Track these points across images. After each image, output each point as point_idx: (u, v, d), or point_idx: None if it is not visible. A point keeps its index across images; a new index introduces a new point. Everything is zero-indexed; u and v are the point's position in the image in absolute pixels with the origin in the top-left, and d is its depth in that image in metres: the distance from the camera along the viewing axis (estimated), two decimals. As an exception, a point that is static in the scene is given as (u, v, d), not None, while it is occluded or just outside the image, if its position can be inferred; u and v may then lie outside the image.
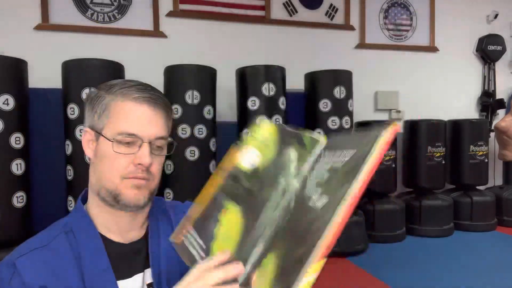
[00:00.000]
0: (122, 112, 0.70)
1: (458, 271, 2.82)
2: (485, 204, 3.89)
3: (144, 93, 0.71)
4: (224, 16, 3.70)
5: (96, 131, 0.72)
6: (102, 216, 0.75)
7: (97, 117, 0.72)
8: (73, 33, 3.28)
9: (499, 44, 4.54)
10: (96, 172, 0.73)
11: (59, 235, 0.72)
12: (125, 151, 0.70)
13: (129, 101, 0.70)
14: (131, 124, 0.70)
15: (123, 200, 0.71)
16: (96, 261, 0.71)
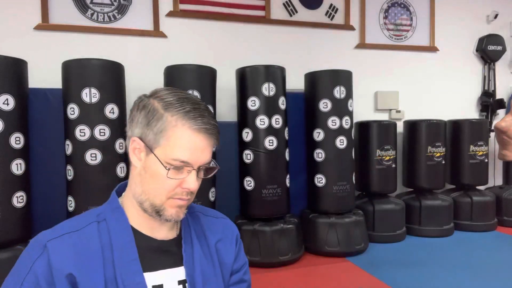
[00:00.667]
0: (180, 141, 0.74)
1: (458, 271, 2.82)
2: (485, 204, 3.89)
3: (202, 121, 0.75)
4: (224, 16, 3.70)
5: (147, 145, 0.76)
6: (135, 213, 0.80)
7: (152, 134, 0.75)
8: (73, 33, 3.28)
9: (499, 44, 4.54)
10: (143, 185, 0.77)
11: (92, 224, 0.78)
12: (175, 175, 0.75)
13: (188, 130, 0.74)
14: (186, 153, 0.74)
15: (165, 215, 0.78)
16: (126, 252, 0.76)
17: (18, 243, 2.42)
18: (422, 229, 3.74)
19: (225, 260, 0.89)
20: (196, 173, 0.77)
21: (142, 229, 0.81)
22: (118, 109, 2.59)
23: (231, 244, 0.92)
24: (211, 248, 0.87)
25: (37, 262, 0.71)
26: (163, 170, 0.74)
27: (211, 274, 0.85)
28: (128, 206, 0.81)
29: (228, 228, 0.94)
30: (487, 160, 3.99)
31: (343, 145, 3.24)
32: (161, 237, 0.82)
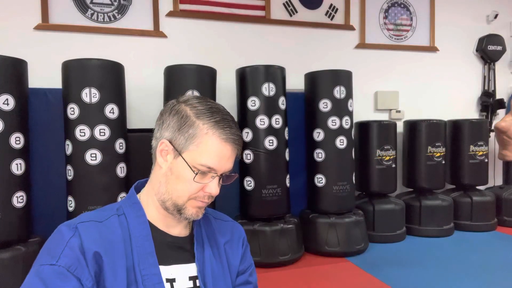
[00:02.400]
0: (209, 148, 0.80)
1: (458, 271, 2.82)
2: (485, 204, 3.89)
3: (231, 132, 0.81)
4: (224, 16, 3.70)
5: (176, 149, 0.81)
6: (153, 210, 0.86)
7: (183, 139, 0.80)
8: (73, 33, 3.28)
9: (499, 44, 4.54)
10: (168, 185, 0.83)
11: (113, 216, 0.83)
12: (200, 180, 0.81)
13: (218, 139, 0.80)
14: (214, 160, 0.80)
15: (185, 214, 0.83)
16: (143, 244, 0.81)
17: (18, 243, 2.42)
18: (422, 229, 3.74)
19: (232, 261, 0.94)
20: (218, 179, 0.83)
21: (159, 225, 0.86)
22: (118, 109, 2.59)
23: (238, 246, 0.97)
24: (220, 249, 0.92)
25: (72, 239, 0.76)
26: (190, 173, 0.80)
27: (220, 273, 0.89)
28: (146, 202, 0.86)
29: (235, 231, 0.99)
30: (487, 160, 3.99)
31: (343, 145, 3.24)
32: (175, 233, 0.87)
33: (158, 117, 0.87)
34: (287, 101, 3.17)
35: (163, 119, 0.85)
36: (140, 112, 3.35)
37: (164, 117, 0.85)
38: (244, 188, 3.10)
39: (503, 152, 4.27)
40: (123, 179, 2.60)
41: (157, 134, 0.85)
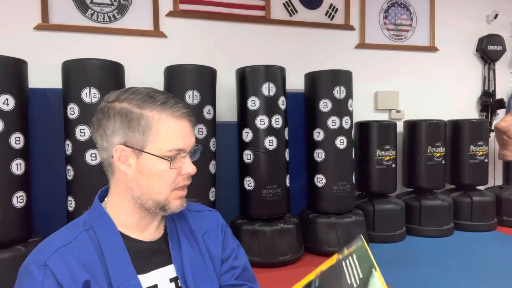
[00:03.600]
0: (169, 132, 0.76)
1: (458, 271, 2.82)
2: (485, 204, 3.89)
3: (180, 107, 0.78)
4: (224, 16, 3.70)
5: (136, 148, 0.76)
6: (123, 215, 0.81)
7: (138, 135, 0.76)
8: (73, 33, 3.28)
9: (499, 44, 4.54)
10: (142, 187, 0.78)
11: (81, 233, 0.77)
12: (175, 165, 0.77)
13: (173, 119, 0.77)
14: (179, 140, 0.77)
15: (171, 209, 0.80)
16: (118, 256, 0.76)
17: (18, 243, 2.42)
18: (422, 229, 3.74)
19: (214, 251, 0.90)
20: (189, 156, 0.80)
21: (131, 233, 0.81)
22: (118, 109, 2.59)
23: (217, 234, 0.93)
24: (199, 242, 0.89)
25: (45, 282, 0.69)
26: (163, 164, 0.76)
27: (201, 268, 0.86)
28: (115, 212, 0.81)
29: (212, 219, 0.95)
30: (487, 160, 3.99)
31: (343, 145, 3.24)
32: (150, 238, 0.83)
33: (93, 128, 0.81)
34: (287, 101, 3.17)
35: (102, 127, 0.78)
36: (140, 112, 3.34)
37: (102, 124, 0.78)
38: (244, 188, 3.10)
39: (503, 152, 4.27)
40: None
41: (104, 145, 0.79)
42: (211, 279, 0.87)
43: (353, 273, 0.75)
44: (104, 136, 0.78)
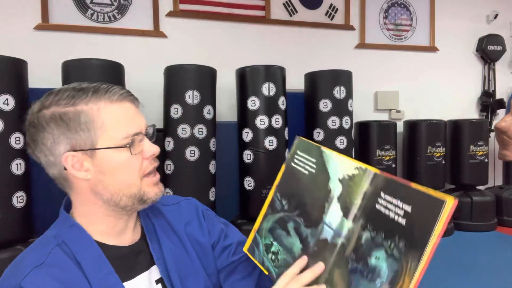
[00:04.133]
0: (114, 118, 0.70)
1: (458, 271, 2.82)
2: (485, 204, 3.89)
3: (116, 90, 0.71)
4: (224, 16, 3.70)
5: (87, 148, 0.69)
6: (96, 222, 0.74)
7: (83, 133, 0.68)
8: (73, 33, 3.28)
9: (499, 44, 4.54)
10: (109, 186, 0.71)
11: (54, 249, 0.69)
12: (136, 150, 0.71)
13: (114, 104, 0.70)
14: (129, 124, 0.71)
15: (149, 198, 0.74)
16: (98, 266, 0.70)
17: (18, 243, 2.42)
18: (422, 229, 3.73)
19: (201, 240, 0.85)
20: (146, 137, 0.74)
21: (108, 239, 0.75)
22: (118, 109, 2.59)
23: (199, 221, 0.88)
24: (181, 235, 0.83)
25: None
26: (123, 153, 0.70)
27: (186, 263, 0.81)
28: (86, 219, 0.74)
29: (190, 207, 0.90)
30: (487, 160, 3.99)
31: (343, 145, 3.24)
32: (128, 241, 0.77)
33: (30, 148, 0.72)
34: (287, 101, 3.17)
35: (40, 142, 0.70)
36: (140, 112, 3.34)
37: (39, 139, 0.70)
38: (244, 188, 3.10)
39: (503, 152, 4.27)
40: (123, 179, 2.59)
41: (50, 160, 0.70)
42: (197, 271, 0.82)
43: (306, 164, 0.75)
44: (46, 151, 0.70)
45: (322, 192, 0.70)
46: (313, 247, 0.69)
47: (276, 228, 0.77)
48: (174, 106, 2.78)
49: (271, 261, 0.75)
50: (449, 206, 0.52)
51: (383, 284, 0.57)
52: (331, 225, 0.68)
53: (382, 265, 0.57)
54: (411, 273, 0.54)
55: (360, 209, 0.64)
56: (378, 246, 0.59)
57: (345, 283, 0.62)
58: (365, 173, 0.66)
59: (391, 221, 0.58)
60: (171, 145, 2.78)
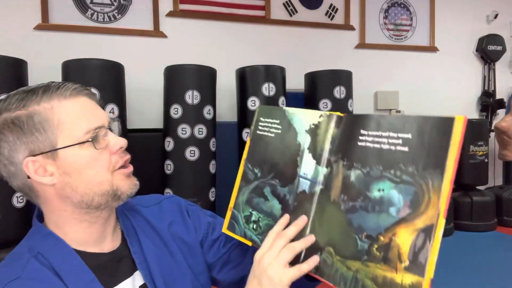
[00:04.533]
0: (73, 113, 0.66)
1: (458, 271, 2.82)
2: (485, 204, 3.89)
3: (67, 87, 0.67)
4: (224, 16, 3.70)
5: (47, 151, 0.64)
6: (71, 232, 0.69)
7: (40, 135, 0.64)
8: (73, 33, 3.28)
9: (499, 44, 4.54)
10: (78, 187, 0.66)
11: (30, 261, 0.64)
12: (100, 144, 0.66)
13: (67, 101, 0.66)
14: (86, 119, 0.67)
15: (124, 192, 0.70)
16: (79, 276, 0.66)
17: (18, 243, 2.42)
18: (422, 229, 3.73)
19: (186, 239, 0.82)
20: (110, 130, 0.70)
21: (86, 248, 0.70)
22: (118, 109, 2.59)
23: (184, 219, 0.84)
24: (165, 237, 0.79)
25: None
26: (88, 149, 0.65)
27: (171, 266, 0.77)
28: (59, 230, 0.69)
29: (174, 206, 0.86)
30: (487, 160, 3.99)
31: (343, 145, 3.24)
32: (109, 248, 0.73)
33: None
34: (287, 101, 3.17)
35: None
36: (140, 112, 3.35)
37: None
38: (244, 188, 3.09)
39: (503, 152, 4.27)
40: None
41: (11, 170, 0.66)
42: (183, 273, 0.78)
43: (271, 127, 0.76)
44: (5, 161, 0.66)
45: (293, 148, 0.71)
46: (293, 203, 0.69)
47: (252, 197, 0.77)
48: (174, 106, 2.78)
49: (253, 231, 0.75)
50: (460, 121, 0.52)
51: (400, 210, 0.56)
52: (306, 176, 0.68)
53: (391, 194, 0.57)
54: (437, 190, 0.52)
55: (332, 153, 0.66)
56: (377, 178, 0.59)
57: (340, 226, 0.62)
58: (330, 117, 0.68)
59: (388, 151, 0.58)
60: (171, 145, 2.78)
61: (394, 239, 0.55)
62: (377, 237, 0.57)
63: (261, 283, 0.65)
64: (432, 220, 0.52)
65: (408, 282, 0.53)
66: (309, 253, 0.65)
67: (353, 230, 0.60)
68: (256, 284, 0.66)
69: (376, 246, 0.57)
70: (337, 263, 0.61)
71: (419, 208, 0.54)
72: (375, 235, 0.57)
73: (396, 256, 0.55)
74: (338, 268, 0.61)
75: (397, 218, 0.56)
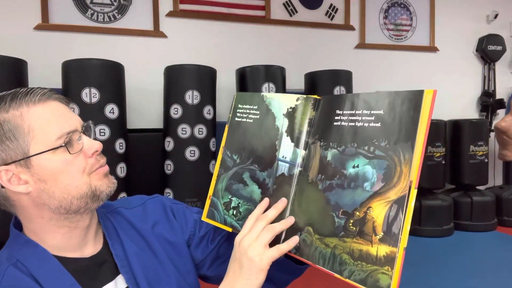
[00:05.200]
0: (44, 118, 0.64)
1: (458, 271, 2.82)
2: (485, 204, 3.89)
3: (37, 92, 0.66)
4: (224, 16, 3.70)
5: (19, 159, 0.63)
6: (51, 237, 0.68)
7: (10, 143, 0.62)
8: (73, 33, 3.28)
9: (499, 44, 4.54)
10: (55, 193, 0.65)
11: (8, 269, 0.64)
12: (74, 149, 0.66)
13: (38, 105, 0.64)
14: (62, 123, 0.65)
15: (103, 191, 0.69)
16: (59, 281, 0.65)
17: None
18: (422, 229, 3.73)
19: (171, 239, 0.81)
20: (85, 134, 0.69)
21: (66, 253, 0.69)
22: (118, 109, 2.59)
23: (169, 219, 0.83)
24: (148, 238, 0.78)
25: None
26: (62, 154, 0.64)
27: (156, 268, 0.76)
28: (37, 237, 0.68)
29: (157, 206, 0.84)
30: (487, 160, 3.99)
31: (343, 145, 3.24)
32: (90, 252, 0.72)
33: None
34: (287, 101, 3.17)
35: None
36: (140, 112, 3.35)
37: None
38: (244, 188, 3.09)
39: (503, 152, 4.27)
40: (123, 179, 2.60)
41: None
42: (168, 274, 0.77)
43: (249, 113, 0.77)
44: None
45: (271, 133, 0.72)
46: (272, 186, 0.70)
47: (231, 184, 0.77)
48: (174, 106, 2.78)
49: (233, 217, 0.75)
50: (429, 94, 0.54)
51: (374, 184, 0.57)
52: (285, 159, 0.69)
53: (366, 169, 0.58)
54: (408, 163, 0.54)
55: (309, 134, 0.67)
56: (353, 156, 0.60)
57: (318, 205, 0.63)
58: (307, 100, 0.69)
59: (361, 128, 0.60)
60: (171, 145, 2.78)
61: (369, 212, 0.57)
62: (353, 212, 0.58)
63: (242, 265, 0.65)
64: (404, 191, 0.54)
65: (382, 253, 0.55)
66: (289, 234, 0.66)
67: (330, 208, 0.61)
68: (236, 266, 0.66)
69: (352, 221, 0.58)
70: (316, 242, 0.62)
71: (392, 180, 0.55)
72: (351, 210, 0.59)
73: (371, 229, 0.56)
74: (317, 246, 0.62)
75: (371, 192, 0.57)
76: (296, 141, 0.69)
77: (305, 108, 0.69)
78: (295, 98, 0.70)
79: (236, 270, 0.65)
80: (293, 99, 0.71)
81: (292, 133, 0.69)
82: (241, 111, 0.79)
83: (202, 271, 0.86)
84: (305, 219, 0.65)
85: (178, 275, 0.79)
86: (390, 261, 0.54)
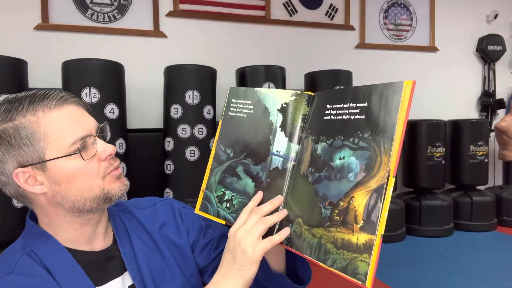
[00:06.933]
0: (59, 124, 0.66)
1: (458, 271, 2.82)
2: (485, 204, 3.89)
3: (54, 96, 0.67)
4: (224, 16, 3.70)
5: (36, 162, 0.65)
6: (65, 231, 0.72)
7: (27, 148, 0.65)
8: (73, 33, 3.28)
9: (499, 44, 4.54)
10: (69, 195, 0.68)
11: (21, 258, 0.67)
12: (89, 155, 0.68)
13: (53, 112, 0.66)
14: (77, 128, 0.67)
15: (115, 195, 0.71)
16: (68, 272, 0.67)
17: (18, 243, 2.42)
18: (422, 229, 3.74)
19: (177, 242, 0.82)
20: (99, 138, 0.71)
21: (78, 246, 0.72)
22: (118, 109, 2.59)
23: (177, 223, 0.85)
24: (156, 238, 0.81)
25: None
26: (75, 160, 0.66)
27: (162, 267, 0.78)
28: (51, 230, 0.72)
29: (167, 208, 0.86)
30: (487, 160, 3.99)
31: (343, 145, 3.24)
32: (99, 247, 0.75)
33: None
34: (287, 101, 3.17)
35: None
36: (140, 112, 3.35)
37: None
38: (244, 188, 3.09)
39: (503, 152, 4.27)
40: (123, 179, 2.60)
41: (2, 179, 0.68)
42: (173, 274, 0.79)
43: (243, 108, 0.78)
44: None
45: (265, 127, 0.73)
46: (266, 180, 0.71)
47: (225, 177, 0.77)
48: (174, 106, 2.78)
49: (226, 209, 0.75)
50: (408, 85, 0.55)
51: (357, 174, 0.59)
52: (279, 153, 0.71)
53: (350, 160, 0.60)
54: (387, 152, 0.56)
55: (303, 130, 0.69)
56: (339, 148, 0.62)
57: (308, 197, 0.64)
58: (301, 96, 0.71)
59: (348, 121, 0.62)
60: (171, 145, 2.78)
61: (352, 202, 0.58)
62: (338, 203, 0.60)
63: (235, 256, 0.66)
64: (383, 180, 0.55)
65: (362, 241, 0.56)
66: (281, 226, 0.68)
67: (318, 199, 0.63)
68: (230, 258, 0.67)
69: (337, 211, 0.60)
70: (304, 233, 0.64)
71: (373, 170, 0.57)
72: (336, 201, 0.60)
73: (353, 218, 0.58)
74: (305, 237, 0.63)
75: (354, 182, 0.59)
76: (290, 135, 0.70)
77: (299, 104, 0.71)
78: (290, 94, 0.72)
79: (229, 261, 0.67)
80: (287, 95, 0.72)
81: (286, 128, 0.71)
82: (234, 105, 0.79)
83: (203, 278, 0.87)
84: (296, 211, 0.66)
85: (182, 276, 0.80)
86: (368, 249, 0.55)
